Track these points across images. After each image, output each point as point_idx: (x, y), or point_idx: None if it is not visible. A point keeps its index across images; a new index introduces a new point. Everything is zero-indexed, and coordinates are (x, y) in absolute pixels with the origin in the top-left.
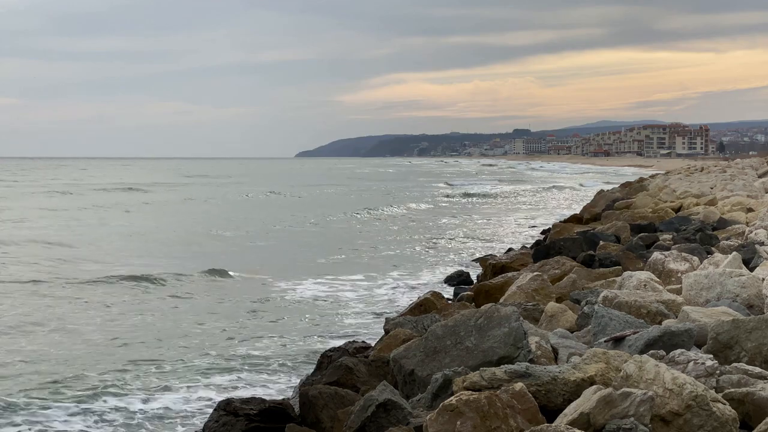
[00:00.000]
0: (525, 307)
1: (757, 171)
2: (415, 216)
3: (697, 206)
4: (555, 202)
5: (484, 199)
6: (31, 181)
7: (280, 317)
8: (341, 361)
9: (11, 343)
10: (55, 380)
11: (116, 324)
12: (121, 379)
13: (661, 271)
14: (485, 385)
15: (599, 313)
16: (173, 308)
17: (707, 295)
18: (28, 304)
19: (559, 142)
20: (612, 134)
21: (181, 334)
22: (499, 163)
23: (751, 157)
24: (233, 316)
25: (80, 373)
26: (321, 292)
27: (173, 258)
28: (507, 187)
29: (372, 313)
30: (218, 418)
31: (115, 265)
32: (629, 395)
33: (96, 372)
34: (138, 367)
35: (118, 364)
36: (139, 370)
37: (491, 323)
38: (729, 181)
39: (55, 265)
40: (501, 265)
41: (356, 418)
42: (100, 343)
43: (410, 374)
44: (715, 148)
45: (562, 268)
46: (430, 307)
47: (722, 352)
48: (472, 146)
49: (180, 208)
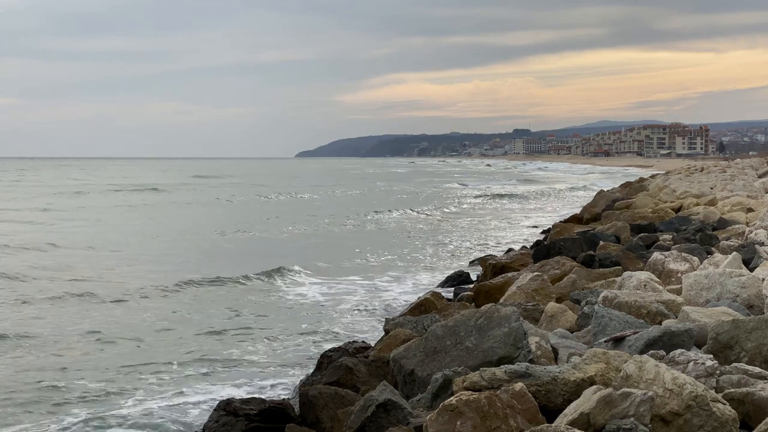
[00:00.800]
0: (525, 307)
1: (757, 171)
2: (452, 218)
3: (697, 206)
4: (584, 201)
5: (515, 200)
6: (55, 179)
7: (281, 317)
8: (341, 361)
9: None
10: (54, 385)
11: (113, 324)
12: (121, 378)
13: (661, 271)
14: (485, 385)
15: (599, 313)
16: (173, 309)
17: (707, 296)
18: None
19: (559, 142)
20: (612, 134)
21: (181, 333)
22: (502, 163)
23: (751, 157)
24: (233, 316)
25: (79, 374)
26: (321, 292)
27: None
28: (531, 187)
29: (372, 313)
30: (218, 418)
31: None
32: (629, 395)
33: (94, 374)
34: (135, 368)
35: (116, 365)
36: (136, 371)
37: (491, 323)
38: (729, 181)
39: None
40: (501, 266)
41: (356, 418)
42: (94, 346)
43: (410, 374)
44: (715, 148)
45: (562, 269)
46: (430, 307)
47: (722, 352)
48: (472, 146)
49: (213, 210)
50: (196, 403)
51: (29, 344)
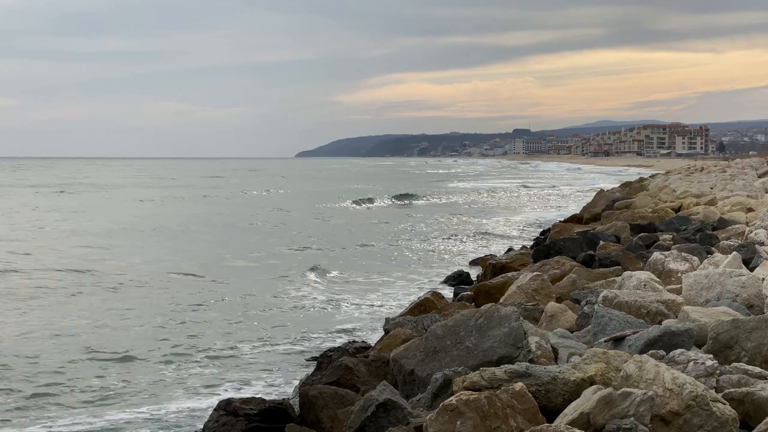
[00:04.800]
0: (525, 307)
1: (757, 171)
2: (453, 218)
3: (697, 206)
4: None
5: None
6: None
7: (281, 317)
8: (341, 361)
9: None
10: (53, 381)
11: (104, 321)
12: (119, 378)
13: (661, 271)
14: (485, 385)
15: (599, 313)
16: (171, 308)
17: (707, 295)
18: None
19: (559, 142)
20: (612, 134)
21: (180, 334)
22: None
23: (751, 157)
24: (233, 316)
25: (76, 372)
26: (321, 292)
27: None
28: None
29: (372, 313)
30: (218, 418)
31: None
32: (629, 395)
33: (91, 371)
34: (134, 365)
35: (113, 361)
36: (135, 369)
37: (491, 323)
38: (729, 181)
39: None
40: (501, 265)
41: (356, 418)
42: (92, 339)
43: (410, 374)
44: (715, 148)
45: (562, 268)
46: (430, 307)
47: (722, 352)
48: (472, 146)
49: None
50: (195, 402)
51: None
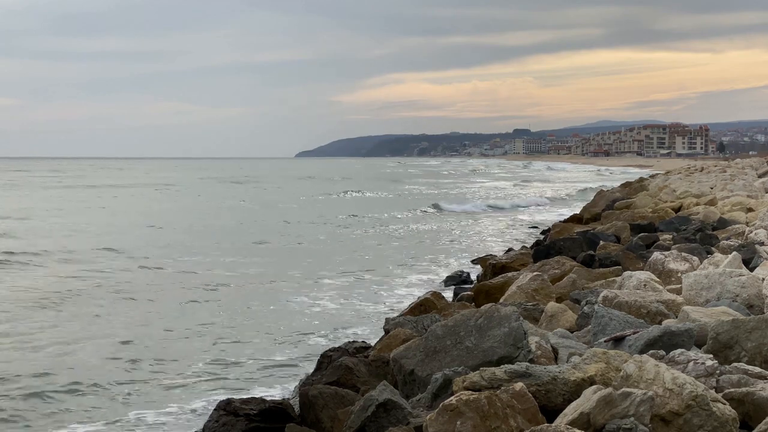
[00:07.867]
0: (525, 307)
1: (757, 171)
2: (452, 217)
3: (697, 206)
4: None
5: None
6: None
7: (280, 317)
8: (341, 361)
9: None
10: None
11: (108, 324)
12: (119, 378)
13: (661, 271)
14: (485, 385)
15: (599, 313)
16: (171, 308)
17: (707, 295)
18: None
19: (559, 142)
20: (612, 134)
21: (180, 333)
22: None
23: (751, 157)
24: (233, 316)
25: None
26: (321, 292)
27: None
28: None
29: (372, 313)
30: (218, 418)
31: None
32: (629, 395)
33: (91, 371)
34: (134, 365)
35: (116, 363)
36: (135, 369)
37: (491, 323)
38: (729, 181)
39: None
40: (501, 265)
41: (356, 418)
42: (100, 342)
43: (410, 374)
44: (715, 148)
45: (562, 268)
46: (430, 307)
47: (722, 352)
48: (472, 146)
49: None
50: (195, 402)
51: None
